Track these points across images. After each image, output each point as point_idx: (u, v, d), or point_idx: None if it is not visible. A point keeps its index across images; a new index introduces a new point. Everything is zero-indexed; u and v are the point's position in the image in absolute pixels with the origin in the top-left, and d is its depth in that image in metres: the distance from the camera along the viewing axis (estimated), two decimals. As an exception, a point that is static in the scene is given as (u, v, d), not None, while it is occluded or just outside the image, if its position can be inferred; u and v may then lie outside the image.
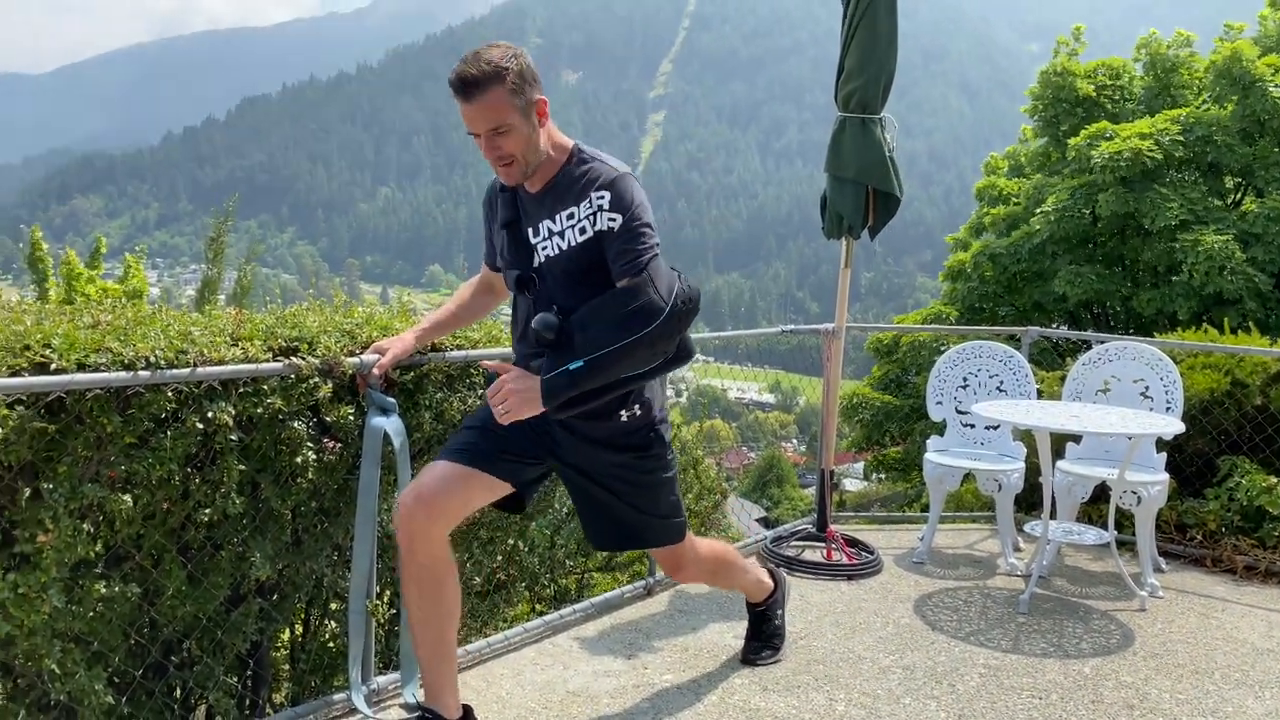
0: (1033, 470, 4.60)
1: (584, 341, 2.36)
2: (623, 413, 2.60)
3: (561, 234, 2.49)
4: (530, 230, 2.56)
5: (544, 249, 2.52)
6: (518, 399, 2.39)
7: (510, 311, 2.77)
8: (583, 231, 2.45)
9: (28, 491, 2.31)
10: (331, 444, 2.87)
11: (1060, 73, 14.49)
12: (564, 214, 2.48)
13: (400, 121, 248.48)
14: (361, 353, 2.87)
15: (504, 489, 2.64)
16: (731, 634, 3.57)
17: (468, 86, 2.35)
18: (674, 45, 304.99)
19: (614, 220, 2.42)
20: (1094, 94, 14.36)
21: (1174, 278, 12.42)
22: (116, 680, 2.61)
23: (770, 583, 3.33)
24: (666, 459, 2.72)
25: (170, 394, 2.47)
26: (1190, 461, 4.91)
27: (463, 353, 3.14)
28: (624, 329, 2.34)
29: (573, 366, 2.34)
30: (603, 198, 2.43)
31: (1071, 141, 13.35)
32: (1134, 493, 4.17)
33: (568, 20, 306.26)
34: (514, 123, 2.39)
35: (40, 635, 2.34)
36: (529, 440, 2.63)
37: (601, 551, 2.83)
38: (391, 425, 2.82)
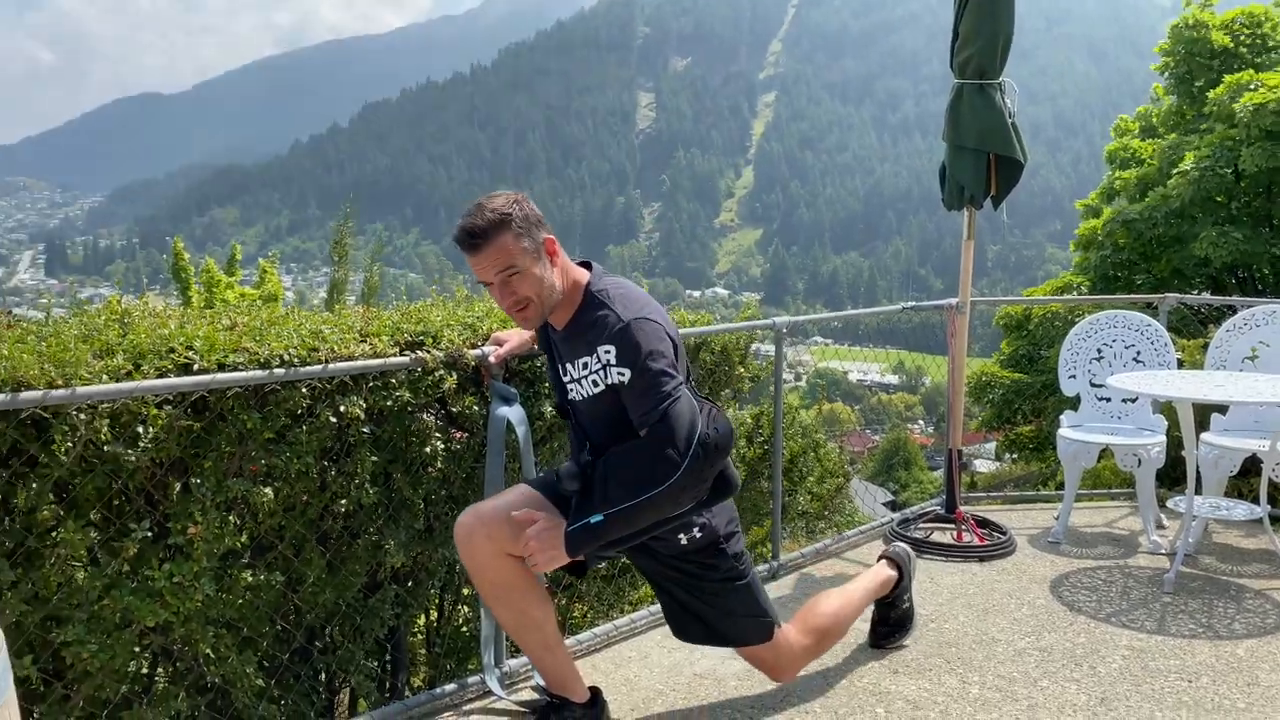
0: (1175, 444, 4.39)
1: (603, 495, 2.36)
2: (682, 536, 2.60)
3: (580, 381, 2.49)
4: (560, 369, 2.59)
5: (572, 389, 2.54)
6: (543, 553, 2.38)
7: None
8: (596, 384, 2.45)
9: (178, 486, 2.46)
10: (458, 434, 2.95)
11: (1193, 25, 13.72)
12: (579, 362, 2.48)
13: (514, 119, 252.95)
14: (484, 345, 2.94)
15: None
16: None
17: (474, 237, 2.37)
18: (783, 24, 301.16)
19: (623, 374, 2.37)
20: (1231, 44, 13.56)
21: (1329, 236, 11.64)
22: (266, 664, 2.75)
23: (893, 573, 3.23)
24: (738, 569, 2.68)
25: (304, 390, 2.58)
26: (1351, 430, 4.60)
27: (580, 341, 3.17)
28: (640, 487, 2.31)
29: (593, 520, 2.34)
30: (609, 352, 2.39)
31: (1212, 94, 12.63)
32: (1288, 465, 3.93)
33: (676, 7, 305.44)
34: (524, 265, 2.38)
35: (195, 621, 2.48)
36: None
37: (683, 641, 2.79)
38: (514, 414, 2.87)
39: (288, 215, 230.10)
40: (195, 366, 2.42)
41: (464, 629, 3.45)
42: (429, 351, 2.82)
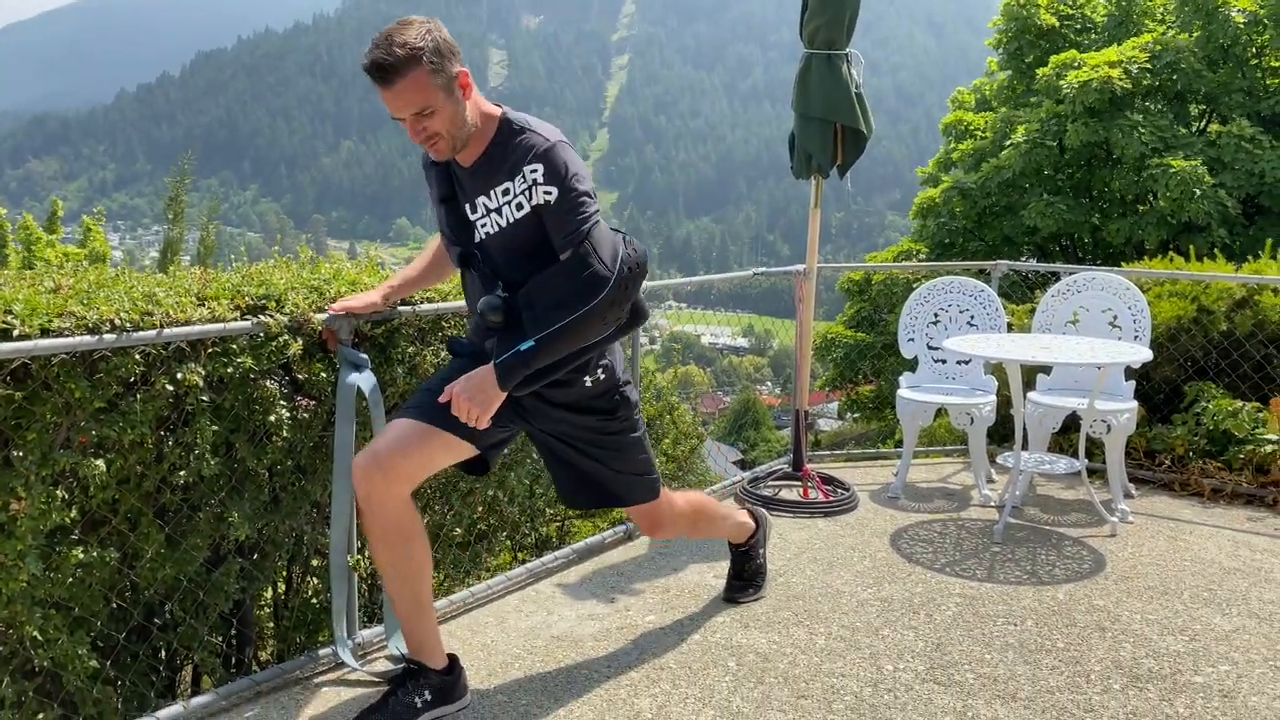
0: (1004, 403, 4.66)
1: (532, 320, 2.33)
2: (586, 378, 2.59)
3: (499, 210, 2.43)
4: (468, 207, 2.50)
5: (483, 226, 2.47)
6: (473, 401, 2.37)
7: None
8: (519, 207, 2.40)
9: (-2, 460, 2.29)
10: (305, 402, 2.85)
11: (1023, 3, 14.41)
12: (499, 189, 2.42)
13: (360, 72, 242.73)
14: (331, 309, 2.84)
15: (466, 449, 2.56)
16: (712, 574, 3.61)
17: (385, 72, 2.27)
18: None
19: (550, 193, 2.35)
20: (1057, 24, 14.31)
21: (1141, 207, 12.49)
22: (100, 645, 2.61)
23: (751, 523, 3.35)
24: (634, 419, 2.71)
25: (138, 356, 2.44)
26: (1158, 389, 4.99)
27: (434, 306, 3.11)
28: (571, 304, 2.31)
29: (523, 347, 2.32)
30: (536, 170, 2.36)
31: (1040, 71, 13.33)
32: (1104, 421, 4.23)
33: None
34: (438, 102, 2.31)
35: (20, 603, 2.33)
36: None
37: (575, 509, 2.81)
38: (365, 381, 2.80)
39: (114, 169, 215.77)
40: (15, 332, 2.25)
41: (314, 601, 3.36)
42: (272, 316, 2.71)
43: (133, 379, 2.45)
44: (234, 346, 2.64)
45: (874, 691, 2.77)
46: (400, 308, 3.00)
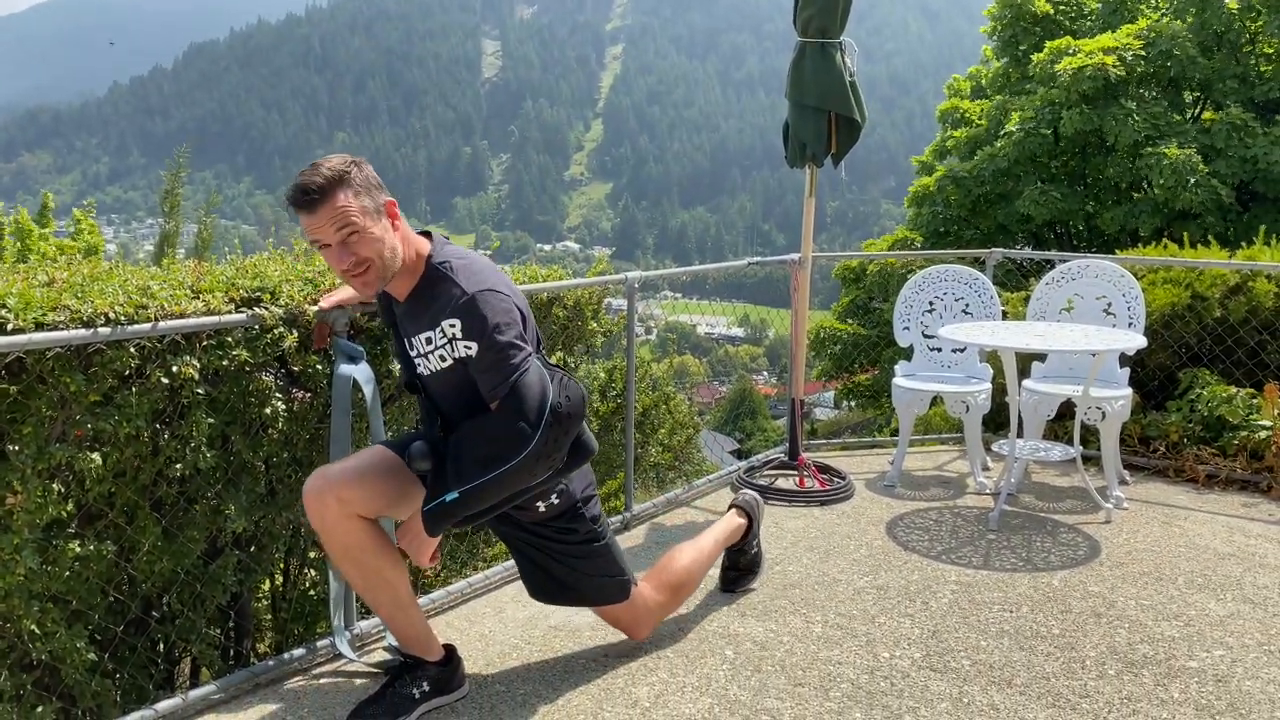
0: (999, 391, 4.67)
1: (455, 473, 2.32)
2: (539, 504, 2.61)
3: (427, 356, 2.43)
4: (406, 342, 2.51)
5: (419, 363, 2.47)
6: (409, 547, 2.41)
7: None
8: (443, 359, 2.40)
9: (-7, 454, 2.29)
10: (301, 394, 2.85)
11: (1018, -9, 14.38)
12: (423, 337, 2.42)
13: (353, 63, 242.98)
14: (323, 301, 2.84)
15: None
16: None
17: (310, 194, 2.25)
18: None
19: (470, 348, 2.33)
20: (1051, 11, 14.29)
21: (1136, 194, 12.49)
22: (98, 638, 2.62)
23: (744, 522, 3.32)
24: (596, 530, 2.71)
25: (133, 350, 2.44)
26: (1152, 375, 5.00)
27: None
28: (493, 461, 2.29)
29: (448, 498, 2.31)
30: (454, 326, 2.33)
31: (1035, 58, 13.31)
32: (1098, 408, 4.24)
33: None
34: (364, 224, 2.29)
35: (17, 596, 2.34)
36: None
37: (540, 602, 2.82)
38: (360, 372, 2.80)
39: (108, 162, 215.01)
40: (9, 326, 2.25)
41: (311, 592, 3.37)
42: (267, 308, 2.71)
43: (128, 372, 2.45)
44: (229, 339, 2.64)
45: (870, 679, 2.78)
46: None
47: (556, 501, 2.63)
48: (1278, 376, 4.75)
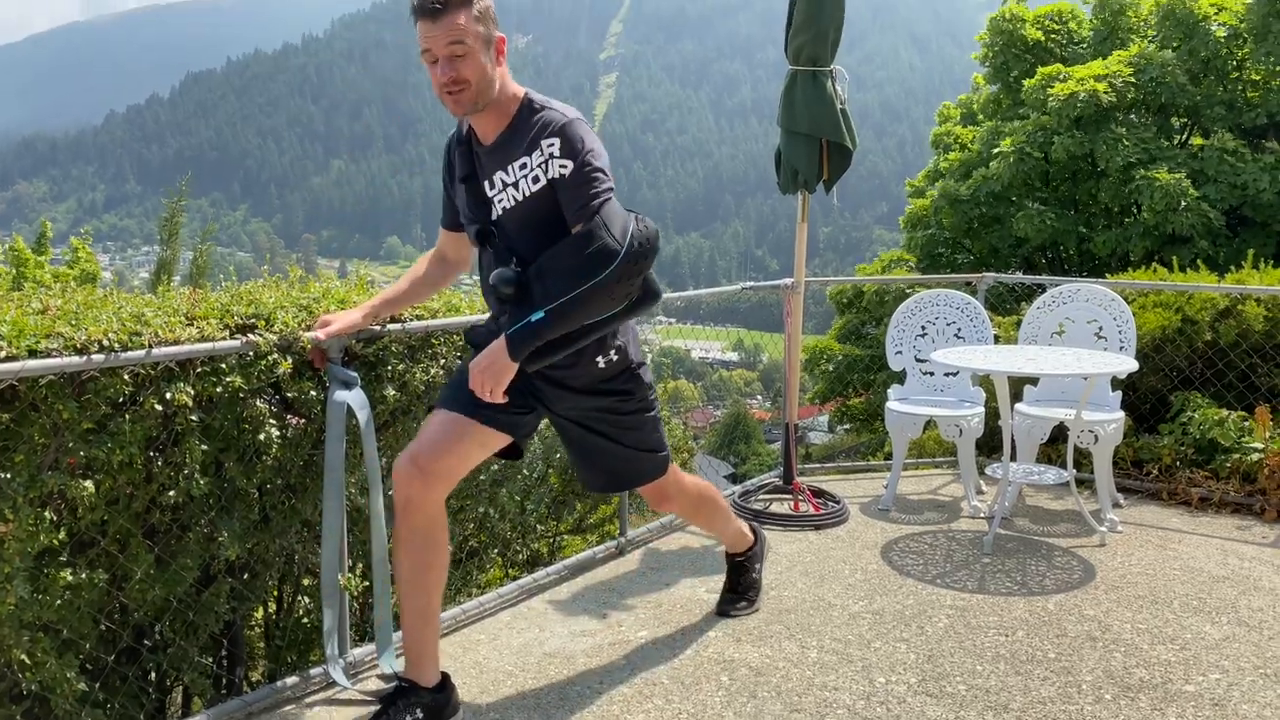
0: (992, 414, 4.68)
1: (543, 292, 2.37)
2: (599, 359, 2.63)
3: (516, 184, 2.47)
4: (486, 184, 2.55)
5: (500, 201, 2.52)
6: (487, 374, 2.42)
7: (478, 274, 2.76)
8: (535, 180, 2.44)
9: (-14, 482, 2.28)
10: (295, 420, 2.85)
11: (1009, 18, 14.54)
12: (517, 164, 2.47)
13: (349, 92, 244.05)
14: (317, 329, 2.84)
15: (502, 440, 2.65)
16: (704, 588, 3.61)
17: (436, 4, 2.34)
18: (623, 5, 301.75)
19: (565, 167, 2.40)
20: (1043, 38, 14.43)
21: (1127, 219, 12.56)
22: (89, 667, 2.60)
23: (750, 535, 3.38)
24: (649, 399, 2.78)
25: (126, 377, 2.44)
26: (1144, 399, 5.02)
27: (423, 323, 3.12)
28: (580, 276, 2.34)
29: (534, 318, 2.36)
30: (553, 144, 2.41)
31: (1027, 83, 13.43)
32: (1091, 431, 4.25)
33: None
34: (475, 47, 2.37)
35: (7, 626, 2.32)
36: (517, 391, 2.61)
37: (595, 493, 2.91)
38: (354, 399, 2.80)
39: (104, 190, 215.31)
40: (2, 353, 2.25)
41: (305, 620, 3.35)
42: (261, 335, 2.71)
43: (121, 399, 2.45)
44: (223, 366, 2.64)
45: (866, 704, 2.77)
46: (390, 325, 3.00)
47: (615, 358, 2.65)
48: (1269, 399, 4.77)
